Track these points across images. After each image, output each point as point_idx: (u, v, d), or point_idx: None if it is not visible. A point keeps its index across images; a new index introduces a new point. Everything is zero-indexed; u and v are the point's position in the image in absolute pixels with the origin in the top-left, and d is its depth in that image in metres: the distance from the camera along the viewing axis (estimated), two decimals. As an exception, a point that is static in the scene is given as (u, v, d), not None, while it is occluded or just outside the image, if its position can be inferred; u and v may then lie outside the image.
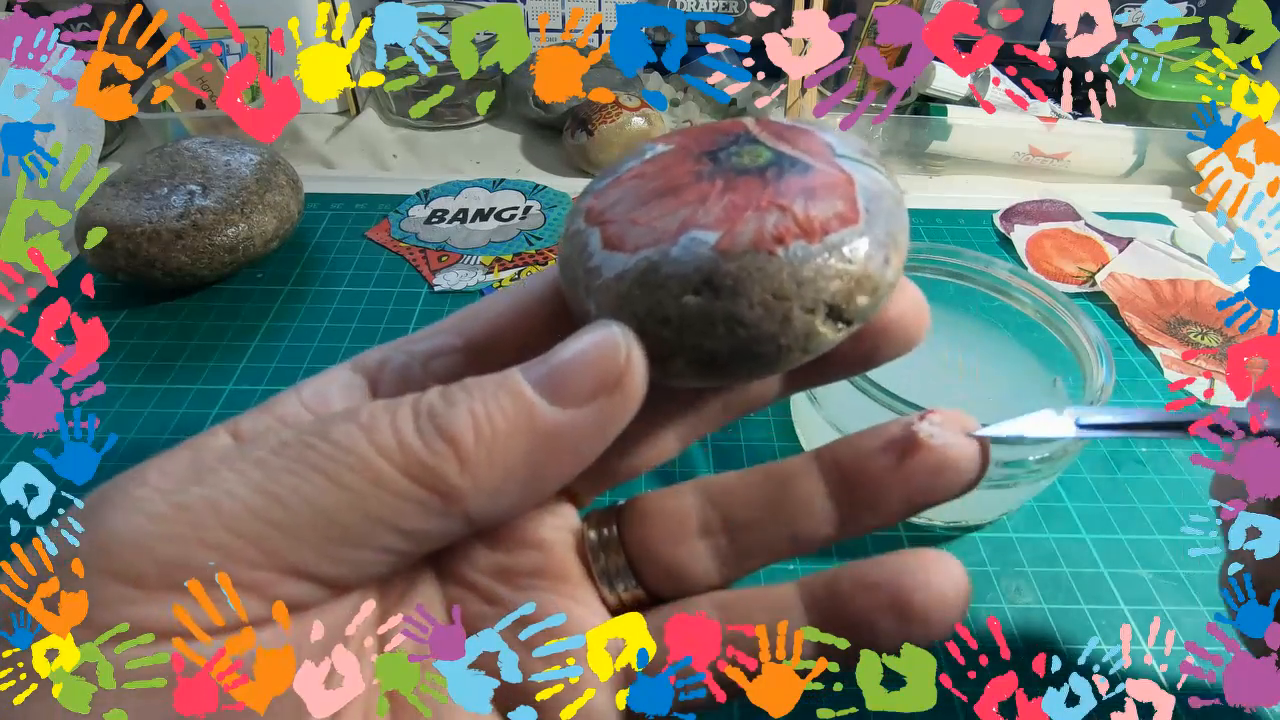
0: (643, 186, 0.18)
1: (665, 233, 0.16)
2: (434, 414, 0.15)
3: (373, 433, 0.15)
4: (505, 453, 0.15)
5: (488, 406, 0.15)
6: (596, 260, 0.17)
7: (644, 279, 0.16)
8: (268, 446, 0.15)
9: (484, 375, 0.16)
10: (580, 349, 0.16)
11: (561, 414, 0.15)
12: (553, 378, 0.16)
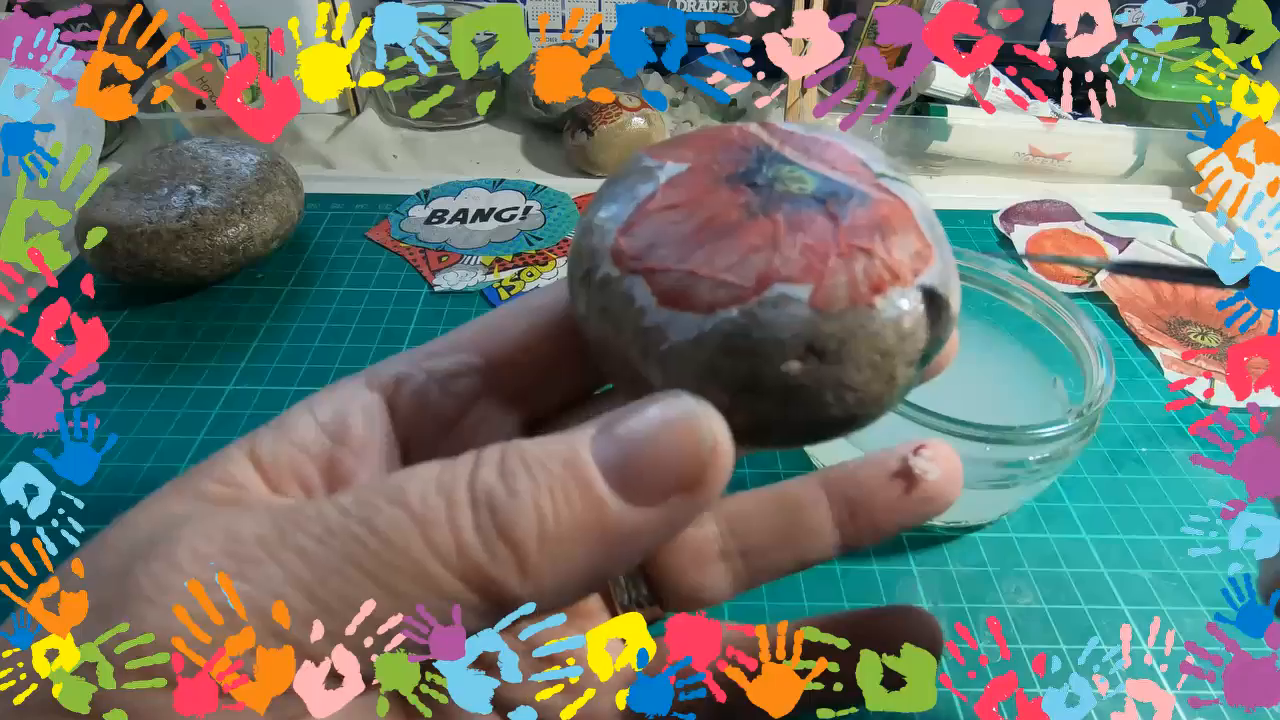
0: (683, 223, 0.15)
1: (744, 288, 0.14)
2: (494, 507, 0.14)
3: (427, 529, 0.14)
4: (569, 557, 0.14)
5: (554, 502, 0.14)
6: (655, 319, 0.15)
7: (732, 345, 0.14)
8: (311, 534, 0.14)
9: (544, 442, 0.14)
10: (658, 435, 0.14)
11: (634, 513, 0.14)
12: (627, 469, 0.14)
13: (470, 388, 0.19)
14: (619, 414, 0.15)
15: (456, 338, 0.20)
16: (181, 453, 0.39)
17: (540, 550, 0.14)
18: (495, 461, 0.14)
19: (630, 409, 0.15)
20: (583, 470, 0.14)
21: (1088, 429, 0.32)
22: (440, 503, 0.14)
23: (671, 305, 0.15)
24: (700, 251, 0.15)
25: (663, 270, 0.15)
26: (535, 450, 0.14)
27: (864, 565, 0.35)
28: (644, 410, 0.14)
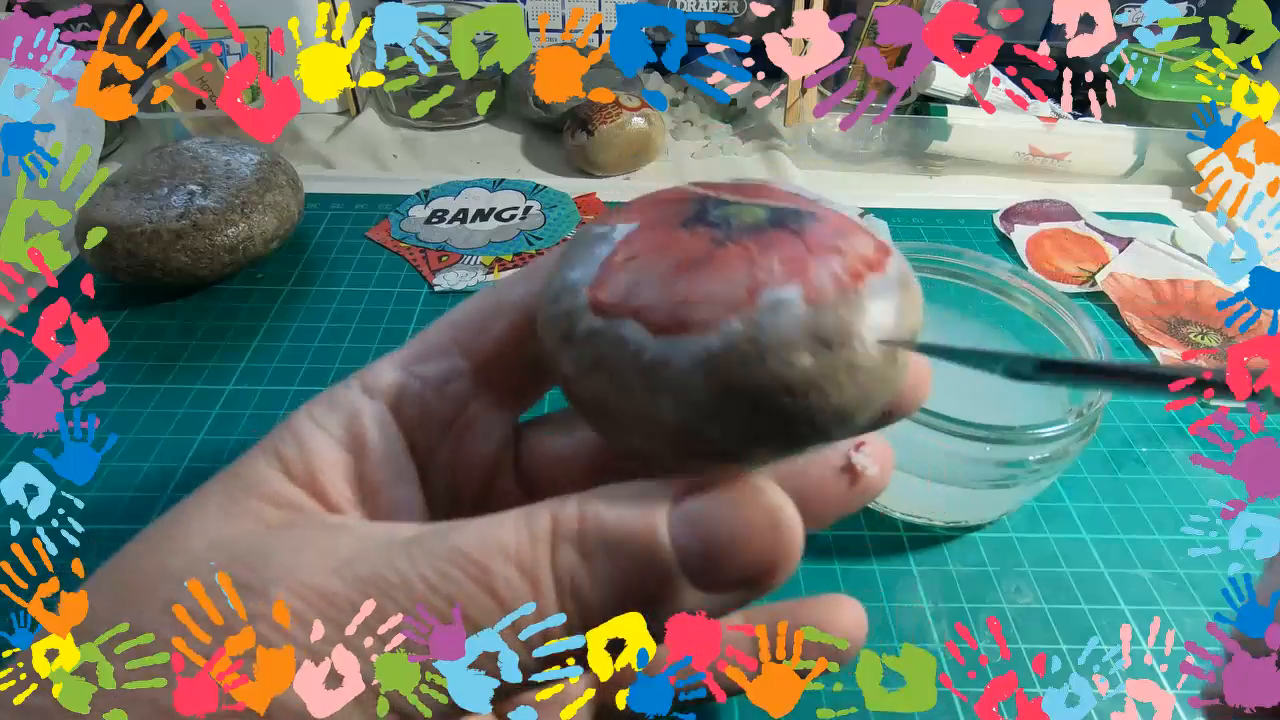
0: (656, 264, 0.16)
1: (734, 300, 0.15)
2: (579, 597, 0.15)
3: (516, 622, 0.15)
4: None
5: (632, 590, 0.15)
6: (656, 352, 0.15)
7: (743, 355, 0.14)
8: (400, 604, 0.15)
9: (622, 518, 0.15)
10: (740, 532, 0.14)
11: (701, 598, 0.15)
12: (705, 559, 0.14)
13: (463, 390, 0.20)
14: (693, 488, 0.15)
15: (439, 337, 0.20)
16: (181, 453, 0.39)
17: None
18: (574, 536, 0.15)
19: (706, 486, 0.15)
20: (662, 562, 0.15)
21: (1088, 429, 0.32)
22: (525, 588, 0.15)
23: (664, 334, 0.15)
24: (682, 282, 0.15)
25: (649, 307, 0.15)
26: (615, 527, 0.15)
27: (864, 565, 0.35)
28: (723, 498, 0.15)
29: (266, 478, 0.17)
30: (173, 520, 0.17)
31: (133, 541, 0.16)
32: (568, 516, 0.15)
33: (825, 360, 0.15)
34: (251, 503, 0.17)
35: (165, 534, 0.16)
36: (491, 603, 0.14)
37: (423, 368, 0.20)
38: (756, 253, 0.15)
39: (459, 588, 0.15)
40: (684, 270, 0.15)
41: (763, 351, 0.14)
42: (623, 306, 0.15)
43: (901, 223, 0.58)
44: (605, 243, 0.17)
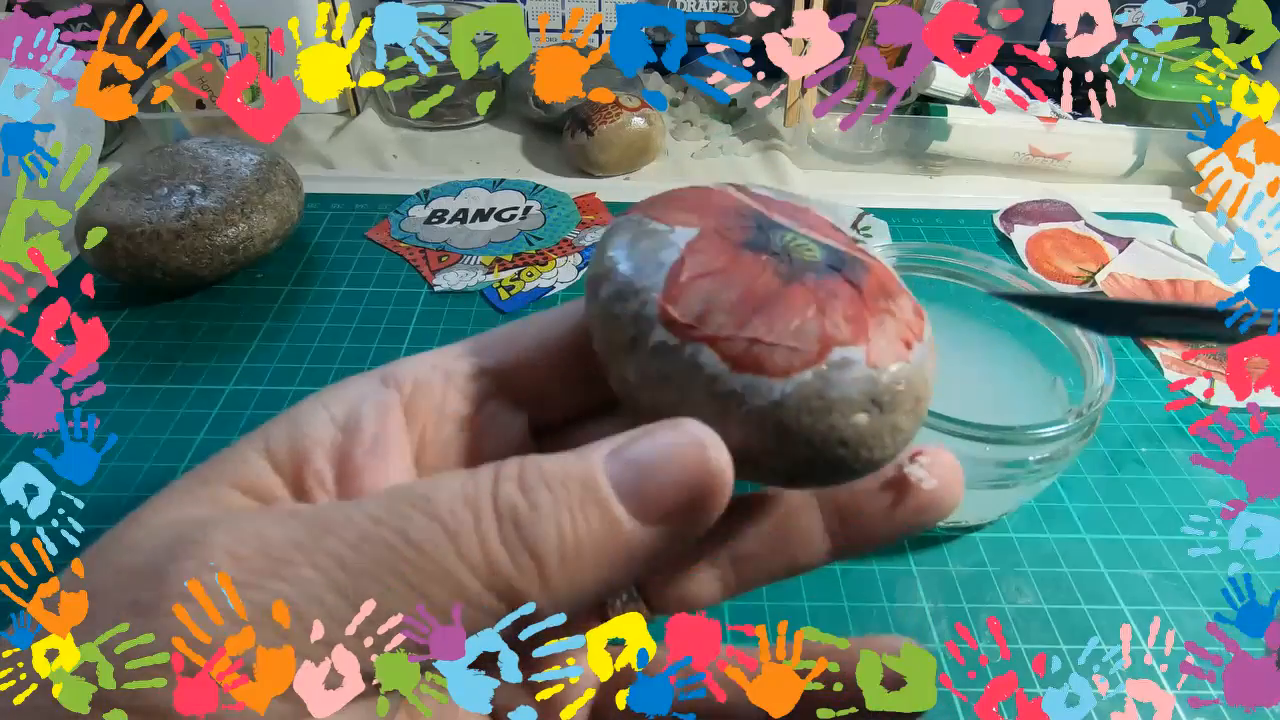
0: (727, 290, 0.17)
1: (810, 353, 0.16)
2: (518, 522, 0.15)
3: (458, 540, 0.15)
4: (585, 570, 0.15)
5: (574, 520, 0.15)
6: (731, 385, 0.16)
7: (810, 406, 0.16)
8: (346, 540, 0.15)
9: (560, 459, 0.16)
10: (669, 459, 0.15)
11: (644, 531, 0.15)
12: (640, 490, 0.15)
13: (482, 389, 0.20)
14: (631, 437, 0.16)
15: (471, 344, 0.20)
16: (181, 453, 0.39)
17: (560, 563, 0.15)
18: (515, 476, 0.15)
19: (641, 433, 0.16)
20: (599, 490, 0.15)
21: (1088, 429, 0.32)
22: (468, 515, 0.15)
23: (744, 370, 0.16)
24: (756, 319, 0.17)
25: (726, 339, 0.16)
26: (553, 467, 0.15)
27: (864, 565, 0.35)
28: (655, 435, 0.16)
29: (245, 462, 0.17)
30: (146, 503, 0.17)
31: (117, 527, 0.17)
32: (509, 463, 0.16)
33: (876, 420, 0.17)
34: (221, 489, 0.17)
35: (132, 515, 0.16)
36: (435, 527, 0.15)
37: (447, 363, 0.20)
38: (823, 299, 0.17)
39: (404, 519, 0.15)
40: (757, 306, 0.17)
41: (829, 406, 0.16)
42: (698, 332, 0.17)
43: (901, 223, 0.58)
44: (667, 247, 0.18)
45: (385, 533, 0.15)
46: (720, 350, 0.16)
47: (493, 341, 0.20)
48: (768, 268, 0.17)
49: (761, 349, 0.16)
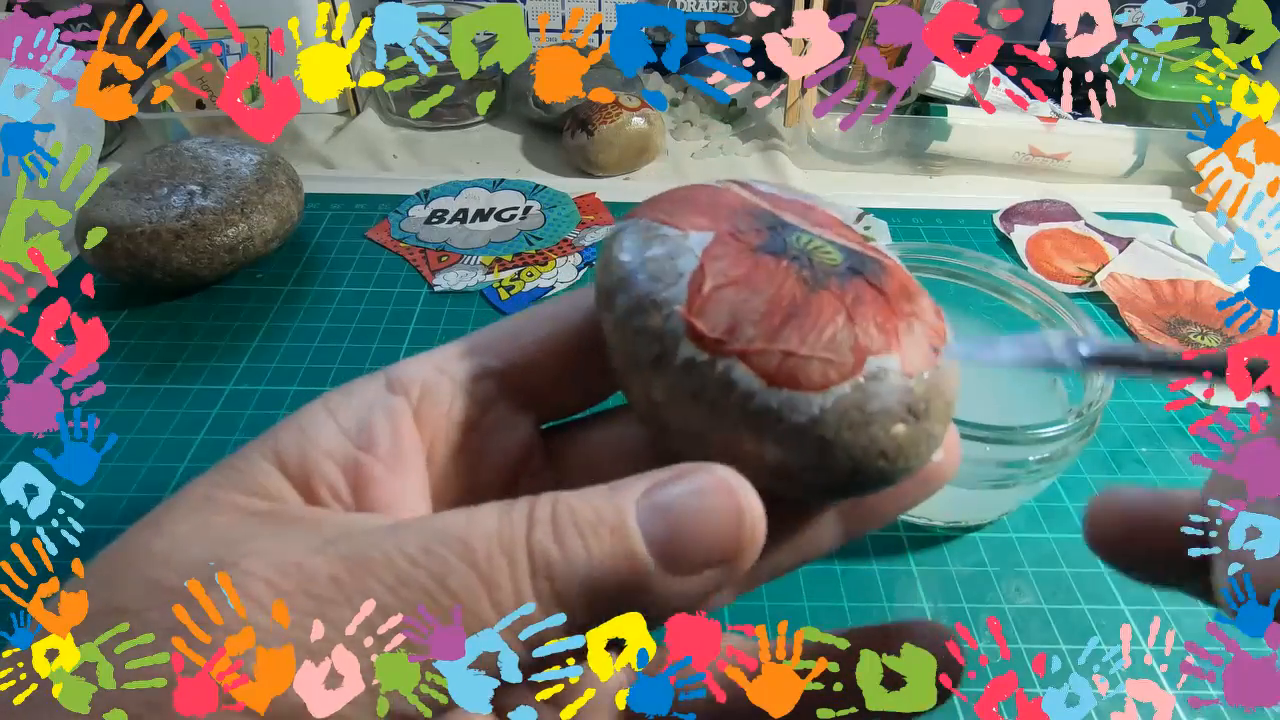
0: (751, 300, 0.17)
1: (845, 365, 0.16)
2: (552, 575, 0.15)
3: (493, 590, 0.15)
4: (610, 615, 0.15)
5: (605, 574, 0.15)
6: (767, 400, 0.16)
7: (851, 419, 0.16)
8: (384, 581, 0.15)
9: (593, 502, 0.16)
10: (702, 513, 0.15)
11: (674, 582, 0.15)
12: (671, 544, 0.15)
13: (489, 391, 0.20)
14: (662, 481, 0.16)
15: (474, 341, 0.20)
16: (181, 453, 0.39)
17: (587, 611, 0.15)
18: (548, 520, 0.15)
19: (673, 476, 0.16)
20: (630, 542, 0.15)
21: (1088, 429, 0.32)
22: (504, 564, 0.15)
23: (782, 385, 0.16)
24: (787, 330, 0.16)
25: (758, 352, 0.16)
26: (585, 511, 0.15)
27: (864, 565, 0.35)
28: (688, 482, 0.16)
29: (256, 469, 0.17)
30: (160, 510, 0.17)
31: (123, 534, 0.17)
32: (542, 505, 0.16)
33: (913, 429, 0.16)
34: (235, 495, 0.17)
35: (152, 520, 0.16)
36: (473, 576, 0.15)
37: (451, 365, 0.20)
38: (851, 306, 0.17)
39: (442, 563, 0.15)
40: (786, 316, 0.16)
41: (869, 419, 0.16)
42: (727, 346, 0.16)
43: (901, 223, 0.58)
44: (684, 254, 0.17)
45: (423, 578, 0.15)
46: (753, 365, 0.16)
47: (495, 340, 0.20)
48: (790, 274, 0.17)
49: (796, 362, 0.16)
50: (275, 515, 0.17)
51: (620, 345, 0.17)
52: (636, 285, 0.17)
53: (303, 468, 0.17)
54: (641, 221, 0.18)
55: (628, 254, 0.18)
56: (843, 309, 0.17)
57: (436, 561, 0.15)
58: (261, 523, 0.16)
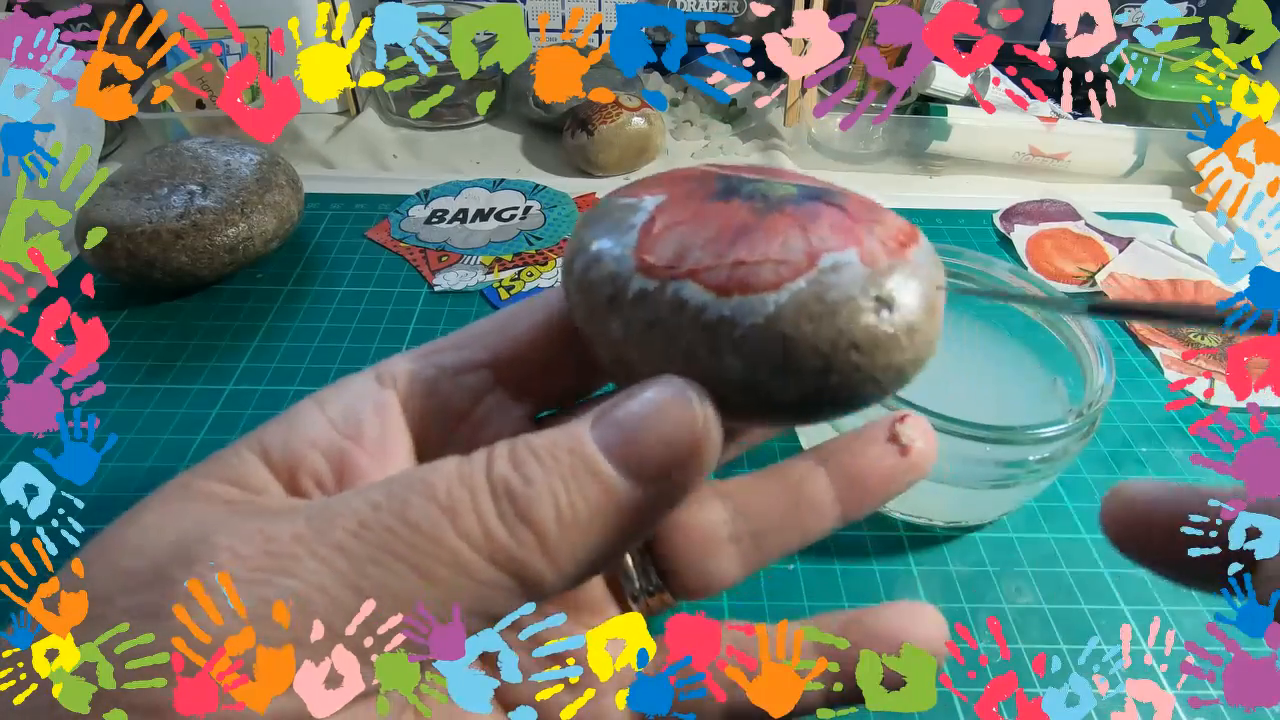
0: (702, 230, 0.16)
1: (795, 262, 0.15)
2: (513, 495, 0.15)
3: (456, 518, 0.15)
4: (585, 535, 0.15)
5: (566, 485, 0.15)
6: (720, 311, 0.15)
7: (811, 311, 0.15)
8: (347, 528, 0.15)
9: (548, 434, 0.15)
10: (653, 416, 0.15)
11: (639, 490, 0.15)
12: (627, 450, 0.15)
13: (479, 382, 0.20)
14: (614, 400, 0.16)
15: (463, 335, 0.20)
16: (181, 453, 0.39)
17: (559, 530, 0.15)
18: (506, 454, 0.15)
19: (624, 395, 0.16)
20: (588, 455, 0.15)
21: (1088, 429, 0.32)
22: (464, 494, 0.15)
23: (734, 293, 0.15)
24: (737, 245, 0.16)
25: (707, 268, 0.15)
26: (541, 441, 0.15)
27: (864, 565, 0.35)
28: (637, 394, 0.15)
29: (240, 461, 0.17)
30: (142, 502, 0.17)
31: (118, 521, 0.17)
32: (500, 444, 0.16)
33: (888, 320, 0.15)
34: (214, 484, 0.17)
35: (129, 514, 0.16)
36: (433, 507, 0.15)
37: (439, 358, 0.20)
38: (804, 220, 0.16)
39: (403, 502, 0.15)
40: (736, 235, 0.16)
41: (832, 308, 0.15)
42: (677, 270, 0.16)
43: (901, 223, 0.58)
44: (637, 211, 0.17)
45: (384, 517, 0.15)
46: (703, 281, 0.15)
47: (485, 332, 0.20)
48: (742, 209, 0.17)
49: (746, 270, 0.15)
50: (252, 505, 0.17)
51: (580, 300, 0.17)
52: (592, 245, 0.17)
53: (287, 459, 0.18)
54: (605, 199, 0.19)
55: (587, 226, 0.18)
56: (796, 224, 0.16)
57: (397, 502, 0.15)
58: (235, 510, 0.16)
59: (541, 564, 0.15)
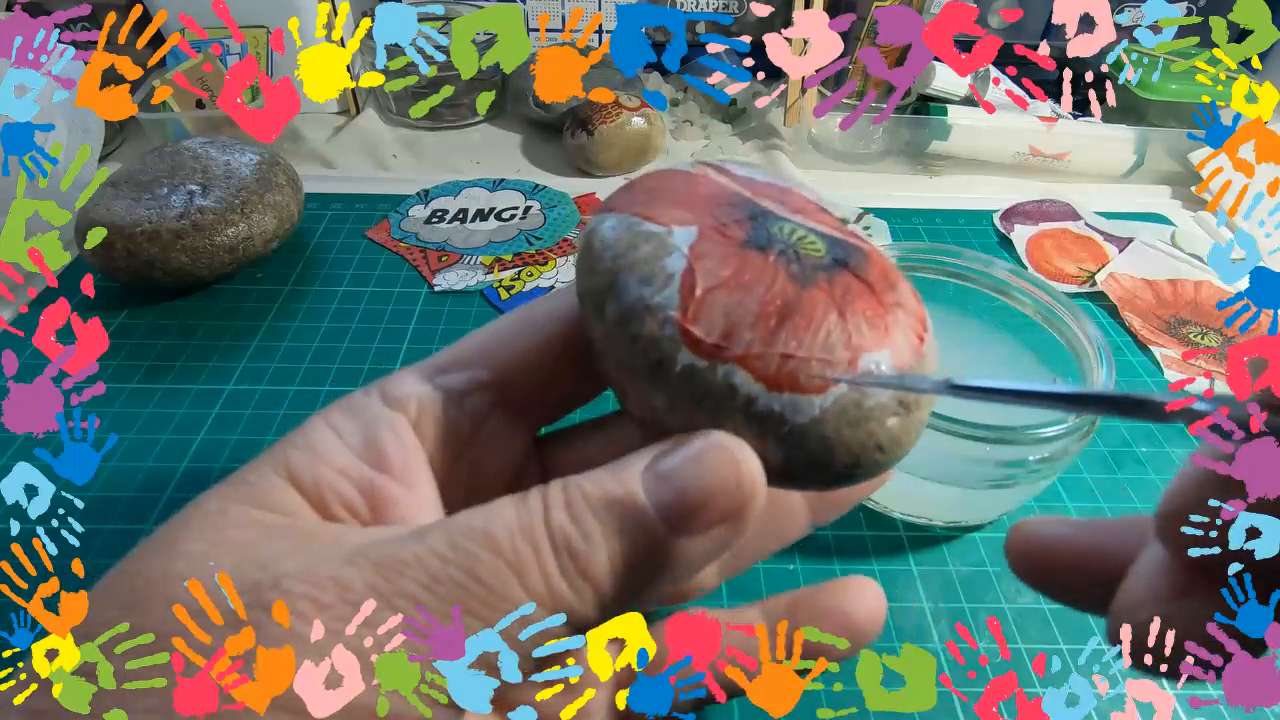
0: (745, 301, 0.17)
1: (840, 364, 0.17)
2: (573, 552, 0.16)
3: (522, 575, 0.16)
4: (637, 587, 0.16)
5: (624, 546, 0.16)
6: (770, 405, 0.16)
7: (849, 417, 0.17)
8: (419, 581, 0.15)
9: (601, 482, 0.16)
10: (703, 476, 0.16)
11: (685, 544, 0.16)
12: (678, 508, 0.16)
13: (483, 403, 0.20)
14: (663, 451, 0.17)
15: (463, 351, 0.20)
16: (181, 453, 0.39)
17: (613, 585, 0.16)
18: (563, 504, 0.16)
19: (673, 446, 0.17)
20: (642, 512, 0.16)
21: (1088, 429, 0.32)
22: (528, 549, 0.16)
23: (784, 389, 0.16)
24: (782, 332, 0.17)
25: (756, 356, 0.16)
26: (596, 491, 0.16)
27: (864, 565, 0.35)
28: (685, 449, 0.16)
29: (271, 486, 0.17)
30: (173, 527, 0.17)
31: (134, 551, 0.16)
32: (554, 490, 0.17)
33: (905, 420, 0.17)
34: (250, 510, 0.17)
35: (167, 539, 0.16)
36: (500, 564, 0.15)
37: (444, 379, 0.20)
38: (839, 300, 0.17)
39: (470, 557, 0.15)
40: (780, 317, 0.17)
41: (867, 415, 0.17)
42: (727, 352, 0.16)
43: (901, 223, 0.58)
44: (670, 253, 0.17)
45: (454, 572, 0.15)
46: (753, 370, 0.16)
47: (484, 348, 0.20)
48: (779, 271, 0.17)
49: (795, 364, 0.16)
50: (293, 529, 0.17)
51: (615, 353, 0.17)
52: (626, 291, 0.17)
53: (316, 485, 0.18)
54: (621, 216, 0.18)
55: (612, 255, 0.17)
56: (834, 306, 0.17)
57: (465, 556, 0.15)
58: (281, 537, 0.16)
59: (595, 611, 0.16)
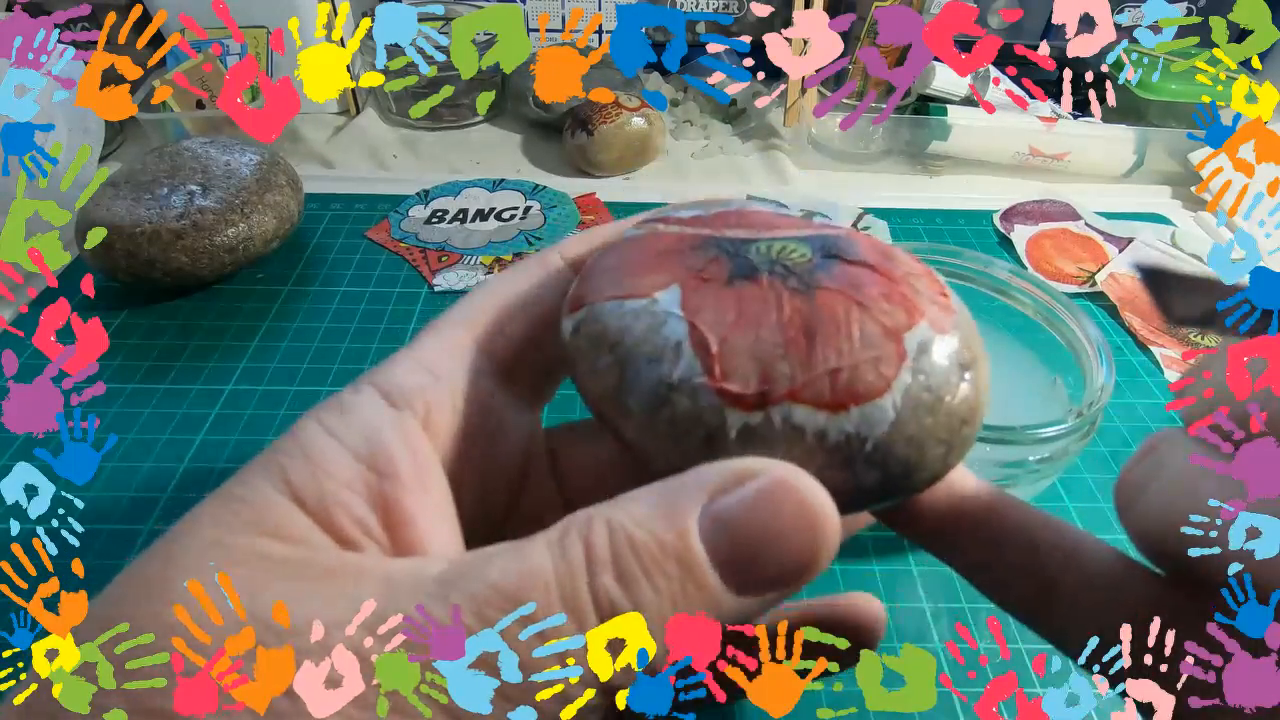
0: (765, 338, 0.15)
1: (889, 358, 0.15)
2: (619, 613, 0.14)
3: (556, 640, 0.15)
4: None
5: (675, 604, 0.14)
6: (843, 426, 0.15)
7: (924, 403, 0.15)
8: None
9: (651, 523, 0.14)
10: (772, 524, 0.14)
11: (743, 603, 0.14)
12: (741, 565, 0.14)
13: (487, 392, 0.19)
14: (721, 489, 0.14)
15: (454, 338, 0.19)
16: (181, 453, 0.39)
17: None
18: (608, 560, 0.14)
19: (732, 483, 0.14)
20: (699, 572, 0.14)
21: (1088, 429, 0.32)
22: (572, 626, 0.14)
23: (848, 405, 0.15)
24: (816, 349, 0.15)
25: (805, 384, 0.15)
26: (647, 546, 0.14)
27: (864, 565, 0.35)
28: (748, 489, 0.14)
29: (272, 506, 0.16)
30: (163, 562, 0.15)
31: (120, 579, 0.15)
32: (598, 534, 0.15)
33: (972, 384, 0.15)
34: (253, 539, 0.15)
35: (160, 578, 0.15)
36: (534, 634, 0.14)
37: (446, 370, 0.18)
38: (852, 291, 0.16)
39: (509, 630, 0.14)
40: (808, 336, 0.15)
41: (938, 394, 0.15)
42: (775, 394, 0.15)
43: (901, 223, 0.58)
44: (664, 320, 0.16)
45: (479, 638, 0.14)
46: (808, 401, 0.15)
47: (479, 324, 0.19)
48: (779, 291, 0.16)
49: (846, 376, 0.15)
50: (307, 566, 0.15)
51: (658, 447, 0.16)
52: (640, 377, 0.16)
53: (323, 502, 0.16)
54: (595, 307, 0.17)
55: (608, 348, 0.16)
56: (850, 300, 0.15)
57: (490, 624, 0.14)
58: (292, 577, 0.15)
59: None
